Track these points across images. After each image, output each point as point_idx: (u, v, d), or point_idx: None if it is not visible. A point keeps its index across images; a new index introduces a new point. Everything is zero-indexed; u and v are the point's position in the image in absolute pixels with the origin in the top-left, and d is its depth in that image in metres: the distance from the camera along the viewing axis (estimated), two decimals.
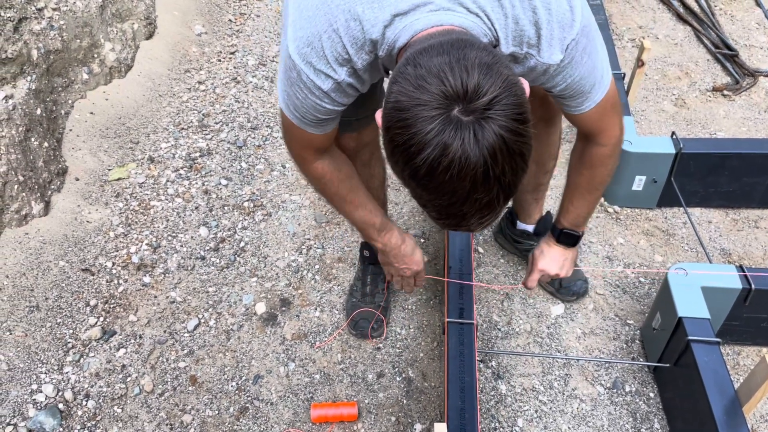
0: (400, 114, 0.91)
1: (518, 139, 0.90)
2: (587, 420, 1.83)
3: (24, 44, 2.30)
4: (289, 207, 2.46)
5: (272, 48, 3.26)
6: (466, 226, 1.00)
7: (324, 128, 1.34)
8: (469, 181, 0.90)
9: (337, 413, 1.83)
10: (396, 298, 2.15)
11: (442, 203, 0.95)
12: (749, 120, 2.78)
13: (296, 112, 1.28)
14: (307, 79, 1.18)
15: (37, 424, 1.82)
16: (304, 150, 1.43)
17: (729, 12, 3.40)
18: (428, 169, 0.90)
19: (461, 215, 0.96)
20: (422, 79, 0.90)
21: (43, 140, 2.36)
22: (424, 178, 0.91)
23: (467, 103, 0.88)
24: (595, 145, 1.47)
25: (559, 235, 1.69)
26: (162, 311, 2.12)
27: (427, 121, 0.88)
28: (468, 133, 0.87)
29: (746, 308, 1.82)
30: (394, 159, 0.95)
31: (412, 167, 0.91)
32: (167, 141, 2.72)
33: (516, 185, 0.94)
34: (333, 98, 1.21)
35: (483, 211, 0.96)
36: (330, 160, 1.47)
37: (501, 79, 0.89)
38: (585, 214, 1.65)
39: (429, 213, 1.02)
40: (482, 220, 0.99)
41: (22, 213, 2.23)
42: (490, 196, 0.93)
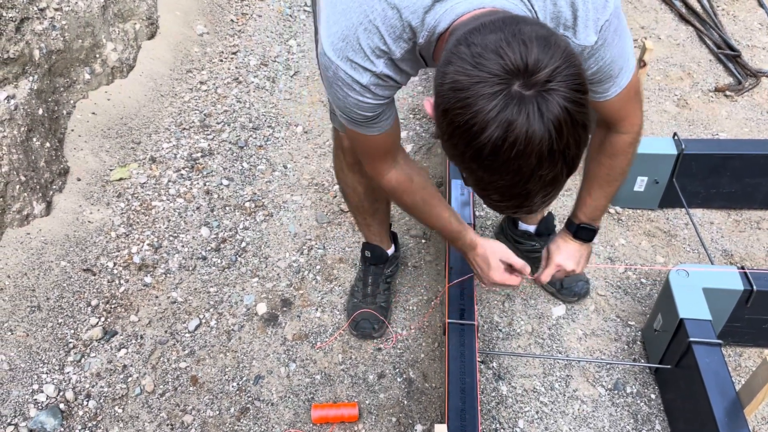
0: (459, 94, 0.88)
1: (581, 110, 0.89)
2: (588, 421, 1.83)
3: (26, 44, 2.31)
4: (291, 207, 2.46)
5: (274, 48, 3.26)
6: (528, 206, 0.98)
7: (379, 127, 1.32)
8: (535, 157, 0.88)
9: (338, 414, 1.83)
10: (397, 299, 2.15)
11: (505, 183, 0.92)
12: (751, 121, 2.77)
13: (342, 113, 1.26)
14: (344, 75, 1.16)
15: (38, 424, 1.82)
16: (375, 162, 1.43)
17: (731, 12, 3.40)
18: (492, 148, 0.87)
19: (525, 194, 0.94)
20: (480, 57, 0.88)
21: (44, 140, 2.36)
22: (488, 157, 0.89)
23: (528, 77, 0.86)
24: (617, 133, 1.45)
25: (577, 230, 1.65)
26: (163, 311, 2.12)
27: (489, 98, 0.86)
28: (532, 108, 0.85)
29: (748, 310, 1.81)
30: (453, 142, 0.92)
31: (474, 148, 0.89)
32: (169, 141, 2.72)
33: (579, 158, 0.93)
34: (374, 92, 1.19)
35: (547, 188, 0.94)
36: (402, 171, 1.46)
37: (560, 51, 0.88)
38: (603, 207, 1.61)
39: (490, 197, 0.99)
40: (546, 198, 0.97)
41: (24, 213, 2.24)
42: (555, 172, 0.91)
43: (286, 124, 2.83)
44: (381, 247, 2.04)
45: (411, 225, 2.39)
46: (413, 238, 2.34)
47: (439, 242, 2.32)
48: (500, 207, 1.01)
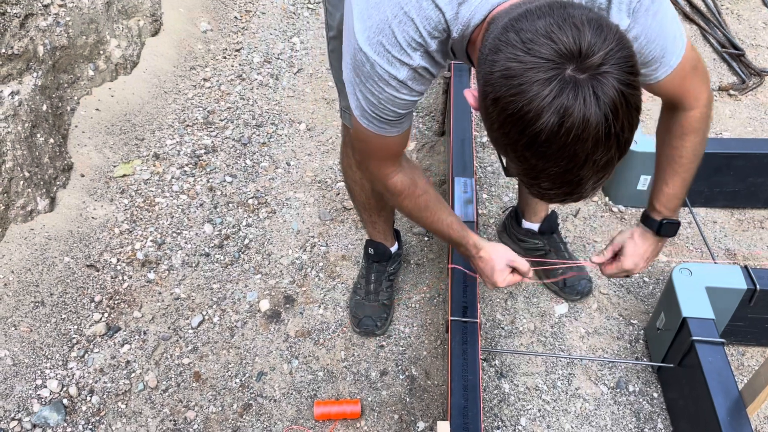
0: (512, 81, 0.87)
1: (634, 92, 0.88)
2: (590, 419, 1.83)
3: (30, 40, 2.31)
4: (294, 204, 2.46)
5: (277, 45, 3.26)
6: (578, 192, 0.96)
7: (401, 126, 1.31)
8: (591, 142, 0.87)
9: (340, 411, 1.84)
10: (400, 296, 2.15)
11: (558, 170, 0.91)
12: (755, 120, 2.77)
13: (373, 112, 1.24)
14: (381, 70, 1.15)
15: (42, 419, 1.83)
16: (382, 163, 1.41)
17: (735, 11, 3.39)
18: (548, 135, 0.87)
19: (578, 181, 0.93)
20: (531, 42, 0.87)
21: (48, 136, 2.36)
22: (543, 144, 0.88)
23: (582, 61, 0.85)
24: (683, 111, 1.40)
25: (660, 227, 1.53)
26: (166, 308, 2.12)
27: (543, 84, 0.85)
28: (588, 92, 0.85)
29: (751, 309, 1.81)
30: (505, 130, 0.91)
31: (529, 135, 0.88)
32: (172, 138, 2.73)
33: (630, 142, 0.92)
34: (410, 87, 1.19)
35: (599, 173, 0.93)
36: (405, 175, 1.45)
37: (612, 33, 0.87)
38: (681, 196, 1.51)
39: (540, 185, 0.97)
40: (597, 183, 0.95)
41: (28, 209, 2.24)
42: (608, 156, 0.90)
43: (289, 121, 2.84)
44: (384, 244, 2.04)
45: (413, 223, 2.38)
46: (416, 235, 2.34)
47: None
48: (549, 195, 0.99)
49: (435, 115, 2.83)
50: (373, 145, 1.35)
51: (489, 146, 2.68)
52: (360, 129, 1.31)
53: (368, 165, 1.44)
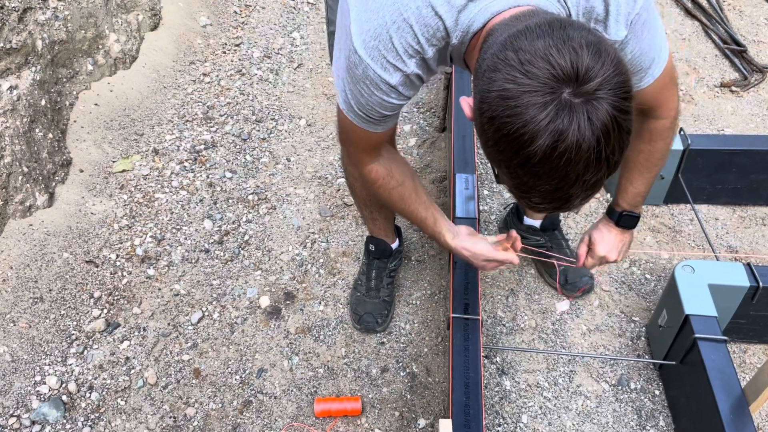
0: (508, 102, 0.89)
1: (626, 117, 0.90)
2: (592, 417, 1.82)
3: (29, 34, 2.29)
4: (294, 200, 2.45)
5: (277, 40, 3.24)
6: (567, 207, 1.00)
7: (386, 125, 1.33)
8: (583, 164, 0.89)
9: (341, 407, 1.83)
10: (401, 293, 2.14)
11: (549, 188, 0.94)
12: (757, 116, 2.76)
13: (360, 111, 1.25)
14: (374, 75, 1.15)
15: (41, 415, 1.82)
16: (361, 152, 1.42)
17: (737, 7, 3.38)
18: (542, 157, 0.88)
19: (567, 198, 0.96)
20: (529, 64, 0.88)
21: (47, 131, 2.35)
22: (537, 165, 0.90)
23: (579, 86, 0.87)
24: (654, 119, 1.45)
25: (620, 218, 1.64)
26: (166, 304, 2.12)
27: (539, 108, 0.86)
28: (582, 116, 0.86)
29: (753, 306, 1.80)
30: (500, 148, 0.93)
31: (523, 156, 0.90)
32: (172, 133, 2.71)
33: (620, 162, 0.94)
34: (400, 92, 1.19)
35: (588, 191, 0.96)
36: (383, 164, 1.45)
37: (610, 59, 0.88)
38: (644, 193, 1.61)
39: (530, 199, 1.00)
40: (585, 200, 0.99)
41: (27, 204, 2.23)
42: (598, 176, 0.93)
43: (289, 116, 2.82)
44: (385, 241, 2.04)
45: None
46: (417, 232, 2.33)
47: None
48: (539, 208, 1.02)
49: (436, 110, 2.82)
50: (356, 136, 1.36)
51: None
52: (343, 120, 1.33)
53: (348, 151, 1.46)
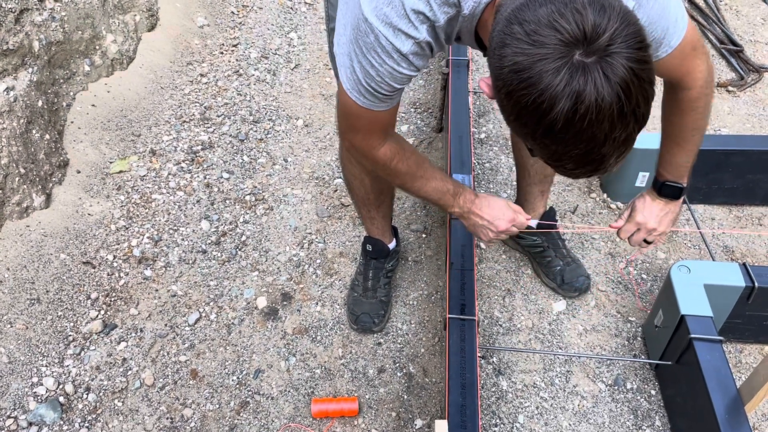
0: (522, 75, 0.89)
1: (645, 66, 0.89)
2: (588, 417, 1.83)
3: (25, 35, 2.29)
4: (291, 201, 2.45)
5: (275, 41, 3.24)
6: (603, 168, 0.98)
7: (391, 102, 1.32)
8: (608, 122, 0.88)
9: (338, 408, 1.83)
10: (398, 294, 2.14)
11: (579, 152, 0.93)
12: (753, 116, 2.77)
13: (368, 85, 1.24)
14: (385, 42, 1.15)
15: (38, 417, 1.82)
16: (369, 136, 1.40)
17: (734, 7, 3.38)
18: (565, 122, 0.88)
19: (600, 159, 0.95)
20: (535, 34, 0.88)
21: (44, 132, 2.35)
22: (561, 131, 0.90)
23: (588, 45, 0.86)
24: (681, 90, 1.45)
25: (661, 188, 1.62)
26: (163, 305, 2.12)
27: (553, 73, 0.87)
28: (598, 74, 0.86)
29: (749, 306, 1.81)
30: (522, 121, 0.93)
31: (545, 124, 0.90)
32: (169, 134, 2.71)
33: (648, 113, 0.93)
34: (411, 61, 1.19)
35: (621, 148, 0.94)
36: (392, 141, 1.44)
37: (616, 12, 0.88)
38: (685, 163, 1.59)
39: (564, 166, 0.99)
40: (620, 158, 0.97)
41: (23, 205, 2.23)
42: (627, 132, 0.92)
43: (286, 117, 2.82)
44: (382, 241, 2.04)
45: (412, 219, 2.38)
46: (414, 232, 2.34)
47: (440, 237, 2.31)
48: (575, 173, 1.01)
49: (433, 111, 2.82)
50: (362, 120, 1.35)
51: (487, 143, 2.67)
52: (348, 103, 1.31)
53: (354, 140, 1.43)
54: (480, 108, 2.85)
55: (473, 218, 1.59)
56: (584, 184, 2.47)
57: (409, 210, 2.41)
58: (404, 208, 2.41)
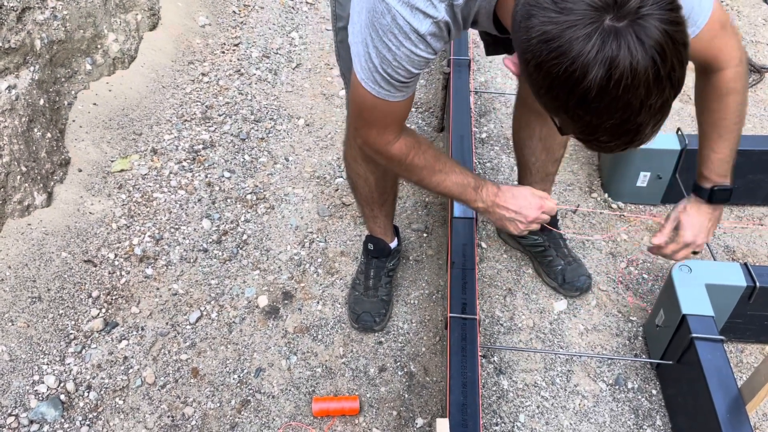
0: (552, 44, 0.87)
1: (678, 28, 0.87)
2: (589, 416, 1.83)
3: (27, 34, 2.30)
4: (292, 200, 2.45)
5: (276, 40, 3.24)
6: (639, 139, 0.96)
7: (406, 91, 1.28)
8: (643, 87, 0.86)
9: (339, 407, 1.83)
10: (399, 293, 2.14)
11: (615, 122, 0.91)
12: (755, 117, 2.77)
13: (384, 71, 1.21)
14: (403, 22, 1.12)
15: (39, 414, 1.82)
16: (384, 130, 1.36)
17: (735, 8, 3.38)
18: (599, 89, 0.86)
19: (636, 129, 0.93)
20: (563, 1, 0.86)
21: (46, 131, 2.35)
22: (595, 100, 0.87)
23: (618, 9, 0.84)
24: (715, 72, 1.38)
25: (711, 194, 1.51)
26: (164, 303, 2.12)
27: (584, 40, 0.84)
28: (631, 38, 0.83)
29: (750, 306, 1.81)
30: (554, 93, 0.91)
31: (579, 93, 0.88)
32: (170, 133, 2.71)
33: (683, 80, 0.90)
34: (428, 43, 1.16)
35: (657, 116, 0.92)
36: (407, 135, 1.40)
37: None
38: (730, 158, 1.49)
39: (598, 139, 0.96)
40: (656, 127, 0.95)
41: (25, 204, 2.23)
42: (663, 98, 0.89)
43: (287, 116, 2.83)
44: (384, 240, 2.04)
45: (413, 219, 2.38)
46: (415, 232, 2.34)
47: (441, 236, 2.31)
48: (609, 147, 0.98)
49: (434, 110, 2.82)
50: (377, 113, 1.31)
51: (488, 142, 2.67)
52: (362, 95, 1.28)
53: (368, 136, 1.39)
54: (481, 108, 2.85)
55: (499, 211, 1.50)
56: (585, 183, 2.47)
57: (410, 209, 2.42)
58: (405, 208, 2.41)
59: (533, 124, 1.91)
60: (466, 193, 1.48)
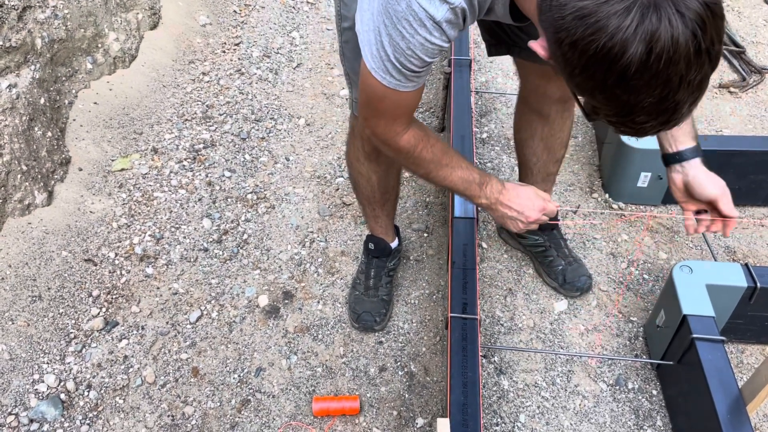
0: (588, 20, 0.84)
1: (717, 1, 0.85)
2: (589, 416, 1.82)
3: (28, 33, 2.29)
4: (293, 200, 2.45)
5: (277, 40, 3.24)
6: (676, 119, 0.93)
7: (418, 81, 1.26)
8: (684, 62, 0.84)
9: (339, 407, 1.83)
10: (399, 293, 2.14)
11: (653, 101, 0.89)
12: (755, 117, 2.76)
13: (396, 60, 1.19)
14: (418, 8, 1.09)
15: (39, 413, 1.82)
16: (393, 121, 1.35)
17: (736, 8, 3.38)
18: (638, 66, 0.84)
19: (674, 107, 0.90)
20: None
21: (46, 130, 2.35)
22: (635, 76, 0.85)
23: None
24: None
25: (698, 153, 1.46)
26: (164, 302, 2.12)
27: (622, 14, 0.82)
28: (671, 11, 0.82)
29: (751, 306, 1.81)
30: (590, 72, 0.89)
31: (617, 71, 0.86)
32: (171, 132, 2.71)
33: (720, 55, 0.89)
34: (444, 30, 1.13)
35: (695, 93, 0.90)
36: (416, 128, 1.39)
37: None
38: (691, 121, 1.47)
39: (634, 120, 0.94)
40: (693, 105, 0.93)
41: (25, 203, 2.23)
42: (701, 74, 0.87)
43: (288, 116, 2.82)
44: (385, 239, 2.04)
45: (413, 219, 2.38)
46: (415, 231, 2.34)
47: (442, 236, 2.31)
48: (645, 128, 0.96)
49: (435, 110, 2.82)
50: (386, 103, 1.30)
51: (489, 142, 2.67)
52: (372, 84, 1.26)
53: (377, 127, 1.38)
54: (482, 108, 2.85)
55: (501, 209, 1.51)
56: (586, 184, 2.47)
57: (410, 209, 2.41)
58: (405, 208, 2.41)
59: (534, 124, 1.90)
60: (470, 188, 1.47)
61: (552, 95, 1.78)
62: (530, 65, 1.73)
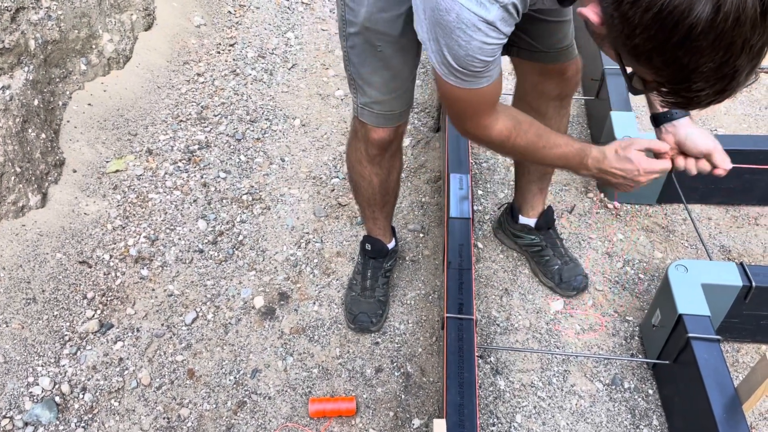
0: None
1: None
2: (586, 416, 1.82)
3: (21, 34, 2.28)
4: (288, 201, 2.45)
5: (272, 40, 3.24)
6: (732, 87, 0.93)
7: (491, 76, 1.24)
8: (749, 24, 0.84)
9: (335, 408, 1.83)
10: (395, 293, 2.14)
11: (713, 65, 0.88)
12: (750, 116, 2.77)
13: (459, 66, 1.18)
14: (469, 15, 1.08)
15: (34, 417, 1.81)
16: (479, 117, 1.33)
17: None
18: (705, 24, 0.83)
19: (733, 73, 0.90)
20: None
21: (40, 131, 2.34)
22: (699, 37, 0.85)
23: None
24: None
25: None
26: (160, 304, 2.11)
27: None
28: None
29: (746, 305, 1.81)
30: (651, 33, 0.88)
31: (683, 30, 0.85)
32: (166, 133, 2.70)
33: None
34: (498, 29, 1.12)
35: (754, 60, 0.89)
36: (505, 117, 1.37)
37: None
38: None
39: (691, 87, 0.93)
40: (750, 74, 0.92)
41: (19, 205, 2.22)
42: (763, 39, 0.87)
43: (283, 116, 2.82)
44: (382, 240, 2.03)
45: (409, 219, 2.38)
46: (411, 232, 2.33)
47: (437, 236, 2.31)
48: (700, 97, 0.95)
49: (430, 111, 2.82)
50: (466, 103, 1.29)
51: None
52: (448, 89, 1.25)
53: (466, 126, 1.37)
54: None
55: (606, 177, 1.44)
56: (581, 183, 2.47)
57: (406, 210, 2.41)
58: (401, 208, 2.41)
59: None
60: (569, 164, 1.45)
61: (550, 93, 1.78)
62: (528, 63, 1.73)
